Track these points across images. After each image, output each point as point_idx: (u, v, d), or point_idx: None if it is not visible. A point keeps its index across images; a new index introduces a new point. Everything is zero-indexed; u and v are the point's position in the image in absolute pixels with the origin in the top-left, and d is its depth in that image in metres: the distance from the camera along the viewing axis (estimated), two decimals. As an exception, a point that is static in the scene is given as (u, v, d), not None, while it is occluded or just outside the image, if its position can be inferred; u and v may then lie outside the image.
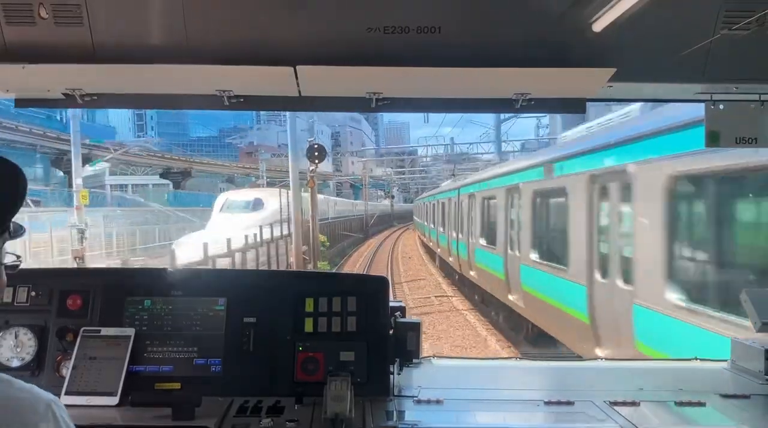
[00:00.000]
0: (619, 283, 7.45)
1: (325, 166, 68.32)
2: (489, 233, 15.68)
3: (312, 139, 25.37)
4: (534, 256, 11.07)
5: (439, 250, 28.21)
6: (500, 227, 13.98)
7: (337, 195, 67.77)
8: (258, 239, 23.77)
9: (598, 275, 8.12)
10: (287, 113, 25.80)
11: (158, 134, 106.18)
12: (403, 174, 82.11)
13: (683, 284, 6.29)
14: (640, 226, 7.02)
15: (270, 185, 42.74)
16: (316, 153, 20.55)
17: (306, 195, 24.67)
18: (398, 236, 55.06)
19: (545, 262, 10.55)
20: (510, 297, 13.07)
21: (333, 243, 37.38)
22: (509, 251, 13.16)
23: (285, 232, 25.85)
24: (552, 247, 10.64)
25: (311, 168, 21.90)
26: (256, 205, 30.78)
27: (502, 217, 13.84)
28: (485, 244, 15.94)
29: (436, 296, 21.02)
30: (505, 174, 14.12)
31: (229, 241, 20.29)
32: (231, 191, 36.66)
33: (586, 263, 8.41)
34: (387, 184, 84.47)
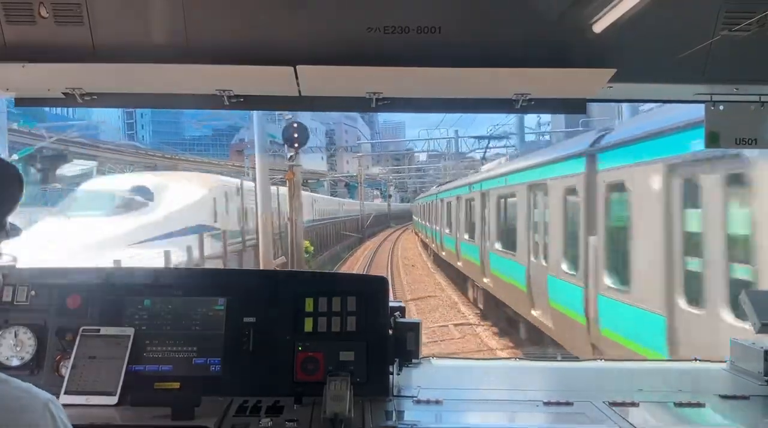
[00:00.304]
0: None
1: (320, 165, 67.80)
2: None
3: (290, 117, 17.73)
4: None
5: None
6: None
7: (332, 195, 66.82)
8: (191, 256, 15.86)
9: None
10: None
11: (151, 133, 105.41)
12: (401, 172, 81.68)
13: (570, 259, 9.63)
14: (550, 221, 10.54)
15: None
16: (296, 134, 15.10)
17: (283, 191, 18.76)
18: (397, 237, 54.01)
19: None
20: None
21: (322, 249, 34.13)
22: None
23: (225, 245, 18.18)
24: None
25: (290, 155, 16.55)
26: (133, 201, 18.47)
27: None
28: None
29: (455, 325, 15.86)
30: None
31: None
32: (101, 178, 22.77)
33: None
34: (384, 183, 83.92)
